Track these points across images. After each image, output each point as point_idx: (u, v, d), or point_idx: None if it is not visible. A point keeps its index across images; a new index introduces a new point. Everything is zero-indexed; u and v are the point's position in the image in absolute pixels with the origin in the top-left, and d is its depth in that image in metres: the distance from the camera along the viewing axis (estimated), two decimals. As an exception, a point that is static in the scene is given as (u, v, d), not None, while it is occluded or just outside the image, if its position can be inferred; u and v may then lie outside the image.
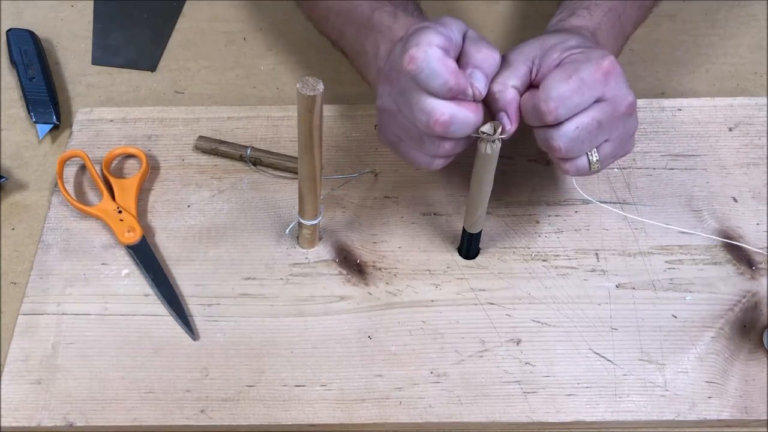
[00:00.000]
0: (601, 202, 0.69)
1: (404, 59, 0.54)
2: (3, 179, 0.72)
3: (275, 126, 0.76)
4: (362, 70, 0.68)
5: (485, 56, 0.56)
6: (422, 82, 0.54)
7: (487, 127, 0.54)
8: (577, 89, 0.54)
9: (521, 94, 0.57)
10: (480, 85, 0.55)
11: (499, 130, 0.54)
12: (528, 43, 0.59)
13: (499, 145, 0.55)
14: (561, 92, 0.54)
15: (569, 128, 0.55)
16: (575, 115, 0.55)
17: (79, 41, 0.85)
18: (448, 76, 0.53)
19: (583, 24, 0.64)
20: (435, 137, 0.56)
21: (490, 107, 0.58)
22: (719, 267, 0.67)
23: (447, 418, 0.59)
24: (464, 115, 0.55)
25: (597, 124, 0.56)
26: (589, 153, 0.58)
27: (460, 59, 0.56)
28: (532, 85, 0.58)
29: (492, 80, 0.57)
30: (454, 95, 0.54)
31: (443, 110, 0.54)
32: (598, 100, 0.55)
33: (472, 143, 0.57)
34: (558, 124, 0.55)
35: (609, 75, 0.55)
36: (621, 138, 0.59)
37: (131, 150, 0.73)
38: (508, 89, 0.57)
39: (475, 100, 0.55)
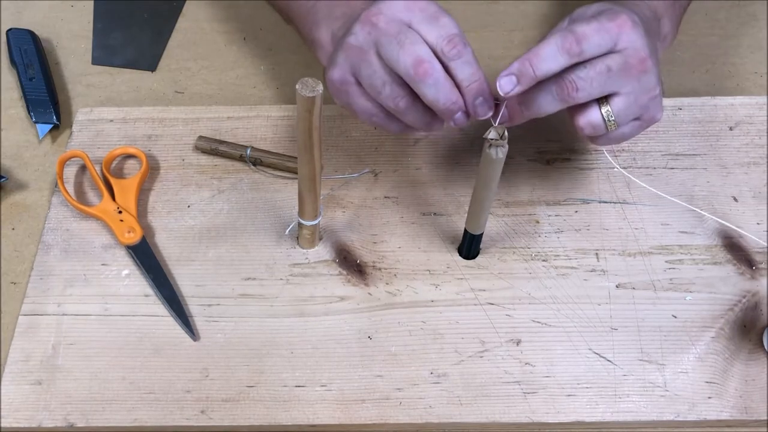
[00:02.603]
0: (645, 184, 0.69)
1: (412, 70, 0.55)
2: (3, 179, 0.72)
3: (275, 126, 0.76)
4: (309, 27, 0.68)
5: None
6: (425, 93, 0.56)
7: (493, 133, 0.54)
8: (596, 30, 0.55)
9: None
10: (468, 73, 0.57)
11: (504, 133, 0.54)
12: (558, 25, 0.60)
13: (507, 149, 0.55)
14: (581, 30, 0.55)
15: (580, 67, 0.56)
16: (591, 60, 0.56)
17: (79, 41, 0.85)
18: (452, 95, 0.56)
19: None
20: (398, 88, 0.57)
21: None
22: (719, 267, 0.67)
23: (447, 418, 0.59)
24: (444, 80, 0.55)
25: (606, 68, 0.56)
26: (600, 105, 0.58)
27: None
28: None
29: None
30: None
31: (431, 60, 0.55)
32: (611, 51, 0.56)
33: (424, 122, 0.58)
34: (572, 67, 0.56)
35: (623, 27, 0.56)
36: (636, 95, 0.58)
37: (131, 150, 0.73)
38: (521, 59, 0.57)
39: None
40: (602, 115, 0.58)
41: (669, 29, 0.67)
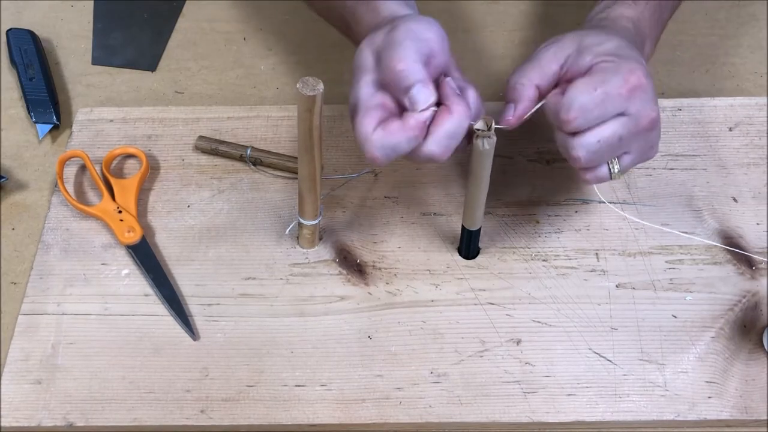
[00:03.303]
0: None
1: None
2: (3, 179, 0.72)
3: (275, 126, 0.76)
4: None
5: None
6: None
7: (480, 124, 0.54)
8: (600, 102, 0.54)
9: (543, 94, 0.58)
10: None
11: (492, 124, 0.54)
12: (566, 38, 0.59)
13: (494, 140, 0.55)
14: (583, 103, 0.54)
15: (590, 140, 0.55)
16: (596, 126, 0.55)
17: (79, 41, 0.85)
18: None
19: (628, 14, 0.64)
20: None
21: (506, 95, 0.58)
22: (719, 267, 0.67)
23: (447, 418, 0.59)
24: (392, 140, 0.54)
25: (618, 138, 0.55)
26: (610, 163, 0.58)
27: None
28: (558, 83, 0.58)
29: (517, 71, 0.58)
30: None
31: (373, 145, 0.54)
32: (621, 114, 0.55)
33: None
34: (579, 133, 0.55)
35: (635, 90, 0.55)
36: (642, 149, 0.59)
37: (131, 150, 0.73)
38: (528, 87, 0.57)
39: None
40: (609, 170, 0.58)
41: (650, 49, 0.67)
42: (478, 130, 0.54)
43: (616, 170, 0.58)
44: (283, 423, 0.59)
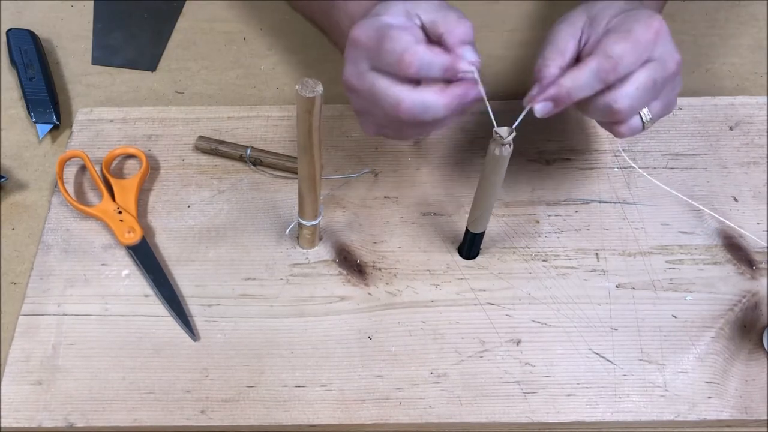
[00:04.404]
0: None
1: (398, 64, 0.54)
2: (3, 179, 0.72)
3: (275, 126, 0.76)
4: (338, 42, 0.68)
5: (465, 28, 0.56)
6: (423, 76, 0.55)
7: (503, 130, 0.54)
8: (632, 49, 0.55)
9: (564, 70, 0.57)
10: (474, 57, 0.56)
11: (513, 135, 0.53)
12: (574, 13, 0.59)
13: (510, 149, 0.54)
14: (619, 51, 0.55)
15: (630, 89, 0.56)
16: (632, 74, 0.56)
17: (79, 41, 0.85)
18: (444, 60, 0.54)
19: None
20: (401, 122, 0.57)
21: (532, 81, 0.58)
22: (719, 267, 0.67)
23: (447, 418, 0.59)
24: (431, 99, 0.55)
25: (653, 83, 0.56)
26: (642, 112, 0.58)
27: (440, 37, 0.57)
28: (579, 57, 0.58)
29: (539, 59, 0.58)
30: (453, 75, 0.55)
31: (402, 96, 0.55)
32: (649, 60, 0.56)
33: (445, 123, 0.58)
34: (617, 87, 0.56)
35: (659, 35, 0.56)
36: (668, 96, 0.59)
37: (131, 150, 0.73)
38: (552, 68, 0.57)
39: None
40: (642, 119, 0.59)
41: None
42: (497, 135, 0.54)
43: (647, 118, 0.58)
44: (283, 423, 0.59)
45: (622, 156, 0.73)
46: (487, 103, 0.55)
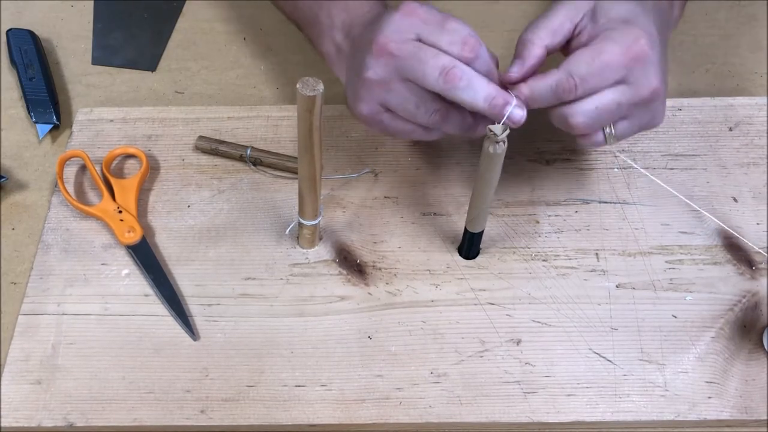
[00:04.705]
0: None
1: (441, 80, 0.55)
2: (3, 179, 0.72)
3: (275, 126, 0.76)
4: (316, 40, 0.69)
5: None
6: (460, 96, 0.56)
7: (497, 128, 0.54)
8: (598, 72, 0.55)
9: (552, 52, 0.59)
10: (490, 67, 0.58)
11: (507, 133, 0.54)
12: None
13: (504, 147, 0.54)
14: (582, 72, 0.55)
15: (588, 107, 0.56)
16: (594, 94, 0.56)
17: (79, 41, 0.85)
18: (490, 89, 0.56)
19: None
20: (432, 103, 0.57)
21: (515, 50, 0.60)
22: (719, 267, 0.67)
23: (447, 418, 0.59)
24: (476, 78, 0.56)
25: (616, 105, 0.56)
26: (605, 128, 0.59)
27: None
28: (568, 42, 0.59)
29: (529, 28, 0.59)
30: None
31: (456, 65, 0.55)
32: (621, 82, 0.56)
33: (463, 127, 0.59)
34: (576, 102, 0.56)
35: (636, 60, 0.55)
36: (641, 118, 0.59)
37: (131, 150, 0.73)
38: (537, 46, 0.58)
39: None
40: (604, 135, 0.59)
41: (678, 13, 0.67)
42: (492, 132, 0.54)
43: (609, 134, 0.59)
44: (283, 423, 0.59)
45: (622, 156, 0.73)
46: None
